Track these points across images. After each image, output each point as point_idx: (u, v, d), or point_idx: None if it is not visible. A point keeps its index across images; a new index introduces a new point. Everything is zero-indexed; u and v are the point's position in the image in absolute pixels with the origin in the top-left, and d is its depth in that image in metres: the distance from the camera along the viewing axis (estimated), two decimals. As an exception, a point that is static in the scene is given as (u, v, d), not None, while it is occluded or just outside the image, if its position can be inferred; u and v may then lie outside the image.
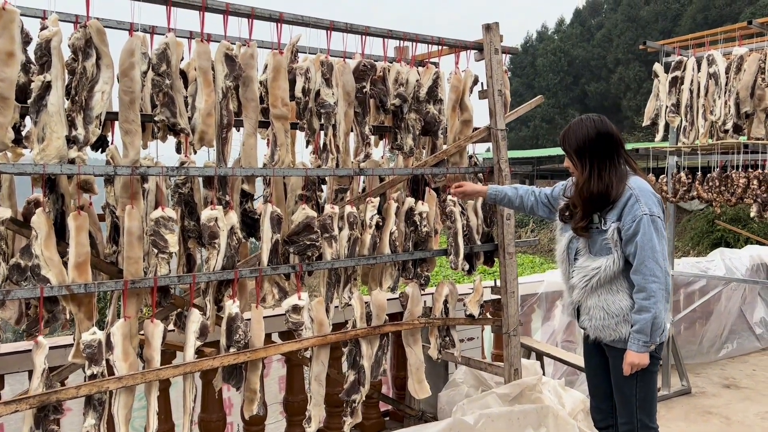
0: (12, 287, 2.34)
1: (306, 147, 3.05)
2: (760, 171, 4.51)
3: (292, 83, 2.93)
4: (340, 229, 3.03)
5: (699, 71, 4.64)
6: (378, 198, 3.25)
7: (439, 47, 3.55)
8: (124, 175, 2.52)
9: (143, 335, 2.58)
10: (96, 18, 2.43)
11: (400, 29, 3.28)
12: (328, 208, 3.00)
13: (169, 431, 3.21)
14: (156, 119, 2.58)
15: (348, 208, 3.06)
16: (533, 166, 34.82)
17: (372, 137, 3.26)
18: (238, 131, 2.92)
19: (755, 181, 4.48)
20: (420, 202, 3.35)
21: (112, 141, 2.88)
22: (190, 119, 2.63)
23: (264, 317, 2.87)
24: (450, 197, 3.39)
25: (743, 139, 4.54)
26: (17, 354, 2.89)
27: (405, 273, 3.37)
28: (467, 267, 3.52)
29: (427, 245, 3.38)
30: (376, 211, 3.17)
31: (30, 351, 2.39)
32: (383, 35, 3.21)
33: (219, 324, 2.79)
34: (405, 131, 3.33)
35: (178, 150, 3.02)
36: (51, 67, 2.31)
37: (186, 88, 2.72)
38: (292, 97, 2.94)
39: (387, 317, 3.24)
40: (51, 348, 2.46)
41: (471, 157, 3.63)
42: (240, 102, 2.85)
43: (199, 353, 2.71)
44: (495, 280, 3.68)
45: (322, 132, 3.03)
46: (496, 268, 3.68)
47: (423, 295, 3.43)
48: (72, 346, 2.61)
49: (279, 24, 2.88)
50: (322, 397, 3.06)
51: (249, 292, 3.08)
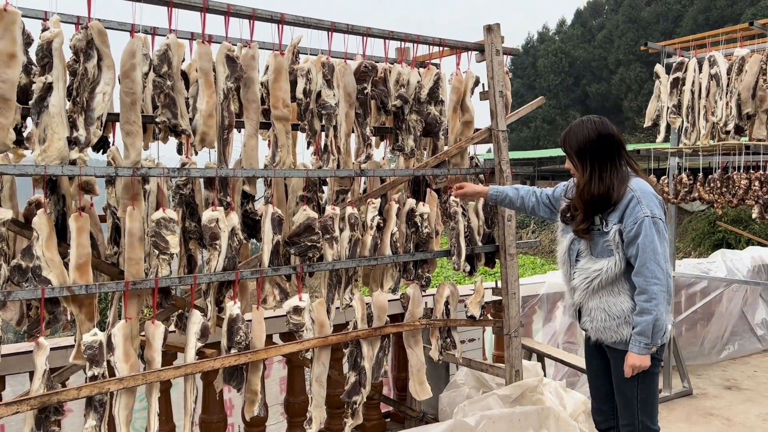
0: (13, 288, 2.34)
1: (307, 148, 3.05)
2: (761, 172, 4.50)
3: (293, 84, 2.93)
4: (341, 230, 3.03)
5: (700, 72, 4.64)
6: (379, 199, 3.24)
7: (441, 48, 3.55)
8: (125, 176, 2.52)
9: (144, 336, 2.58)
10: (97, 19, 2.43)
11: (399, 30, 3.27)
12: (329, 209, 3.00)
13: (170, 432, 3.22)
14: (157, 120, 2.58)
15: (349, 209, 3.06)
16: (534, 167, 34.84)
17: (373, 138, 3.26)
18: (239, 132, 2.92)
19: (757, 183, 4.47)
20: (421, 203, 3.35)
21: (113, 142, 2.88)
22: (191, 120, 2.63)
23: (265, 318, 2.87)
24: (452, 198, 3.39)
25: (745, 141, 4.53)
26: (18, 355, 2.90)
27: (406, 274, 3.37)
28: (468, 268, 3.52)
29: (428, 246, 3.38)
30: (377, 212, 3.17)
31: (31, 352, 2.39)
32: (384, 36, 3.21)
33: (220, 325, 2.79)
34: (406, 132, 3.33)
35: (179, 151, 3.02)
36: (52, 69, 2.31)
37: (187, 89, 2.71)
38: (293, 99, 2.94)
39: (388, 318, 3.24)
40: (52, 349, 2.46)
41: (472, 158, 3.63)
42: (241, 103, 2.85)
43: (200, 354, 2.71)
44: (496, 281, 3.68)
45: (323, 133, 3.03)
46: (497, 269, 3.68)
47: (424, 297, 3.42)
48: (73, 347, 2.61)
49: (280, 25, 2.88)
50: (323, 399, 3.06)
51: (250, 293, 3.08)
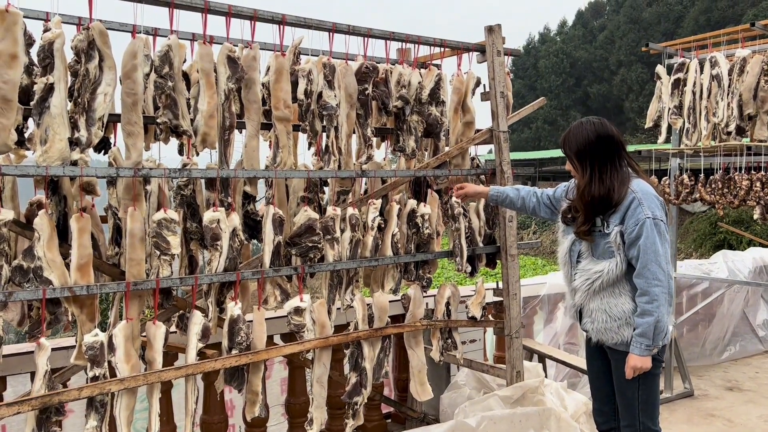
0: (14, 289, 2.34)
1: (308, 149, 3.05)
2: (763, 173, 4.50)
3: (294, 85, 2.93)
4: (342, 231, 3.03)
5: (701, 73, 4.63)
6: (380, 200, 3.24)
7: (442, 49, 3.55)
8: (126, 177, 2.53)
9: (145, 337, 2.59)
10: (99, 20, 2.44)
11: (400, 31, 3.27)
12: (330, 209, 3.00)
13: (171, 433, 3.22)
14: (158, 121, 2.58)
15: (350, 209, 3.06)
16: (535, 167, 34.84)
17: (374, 139, 3.26)
18: (240, 133, 2.92)
19: (758, 183, 4.47)
20: (422, 204, 3.35)
21: (114, 143, 2.88)
22: (192, 121, 2.63)
23: (266, 319, 2.87)
24: (454, 199, 3.39)
25: (746, 142, 4.53)
26: (19, 355, 2.90)
27: (407, 275, 3.37)
28: (469, 269, 3.52)
29: (429, 247, 3.38)
30: (378, 213, 3.17)
31: (32, 353, 2.39)
32: (386, 37, 3.21)
33: (221, 326, 2.79)
34: (407, 133, 3.33)
35: (180, 152, 3.03)
36: (54, 69, 2.31)
37: (188, 90, 2.72)
38: (294, 99, 2.94)
39: (389, 319, 3.24)
40: (53, 350, 2.46)
41: (473, 159, 3.63)
42: (242, 104, 2.85)
43: (201, 355, 2.71)
44: (497, 282, 3.68)
45: (324, 134, 3.03)
46: (498, 270, 3.68)
47: (425, 297, 3.42)
48: (74, 347, 2.61)
49: (281, 26, 2.88)
50: (323, 399, 3.05)
51: (251, 293, 3.08)
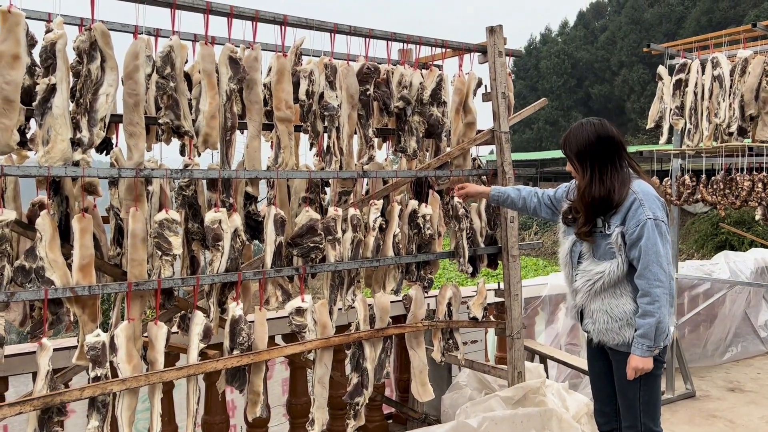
0: (16, 289, 2.35)
1: (310, 149, 3.06)
2: (764, 174, 4.50)
3: (295, 86, 2.93)
4: (343, 232, 3.03)
5: (703, 74, 4.63)
6: (381, 200, 3.24)
7: (443, 50, 3.55)
8: (128, 178, 2.53)
9: (147, 337, 2.59)
10: (101, 21, 2.44)
11: (401, 31, 3.27)
12: (331, 210, 3.00)
13: (173, 433, 3.22)
14: (160, 122, 2.58)
15: (351, 210, 3.06)
16: (537, 168, 34.82)
17: (375, 140, 3.26)
18: (242, 134, 2.93)
19: (760, 184, 4.47)
20: (423, 204, 3.35)
21: (116, 143, 2.89)
22: (194, 122, 2.64)
23: (267, 319, 2.87)
24: (457, 200, 3.39)
25: (748, 142, 4.53)
26: (21, 356, 2.90)
27: (408, 275, 3.37)
28: (471, 269, 3.52)
29: (431, 248, 3.38)
30: (379, 214, 3.17)
31: (34, 353, 2.40)
32: (387, 38, 3.22)
33: (222, 326, 2.79)
34: (408, 134, 3.33)
35: (182, 152, 3.03)
36: (56, 70, 2.31)
37: (190, 90, 2.72)
38: (295, 100, 2.95)
39: (390, 320, 3.24)
40: (55, 350, 2.46)
41: (474, 160, 3.63)
42: (244, 104, 2.85)
43: (203, 355, 2.72)
44: (498, 282, 3.68)
45: (325, 134, 3.04)
46: (499, 270, 3.68)
47: (426, 298, 3.42)
48: (76, 348, 2.61)
49: (283, 27, 2.89)
50: (325, 400, 3.06)
51: (252, 294, 3.08)
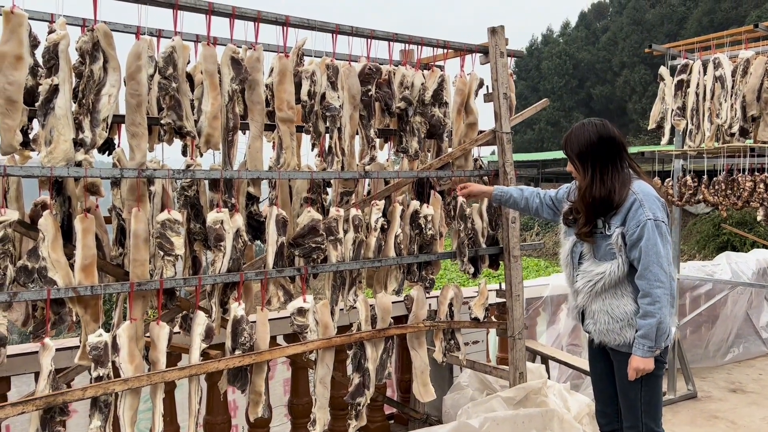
0: (19, 289, 2.35)
1: (311, 150, 3.06)
2: (766, 174, 4.49)
3: (297, 86, 2.94)
4: (345, 232, 3.03)
5: (705, 74, 4.63)
6: (383, 201, 3.25)
7: (445, 50, 3.55)
8: (130, 178, 2.53)
9: (149, 337, 2.59)
10: (103, 22, 2.44)
11: (403, 32, 3.28)
12: (333, 210, 3.01)
13: (174, 433, 3.22)
14: (162, 122, 2.59)
15: (353, 210, 3.06)
16: (538, 169, 34.83)
17: (377, 140, 3.27)
18: (244, 134, 2.93)
19: (761, 185, 4.46)
20: (425, 205, 3.35)
21: (118, 144, 2.90)
22: (196, 122, 2.64)
23: (269, 320, 2.88)
24: (461, 199, 3.39)
25: (749, 143, 4.53)
26: (23, 356, 2.91)
27: (410, 276, 3.38)
28: (472, 270, 3.52)
29: (432, 248, 3.38)
30: (381, 214, 3.17)
31: (36, 353, 2.40)
32: (389, 38, 3.22)
33: (224, 326, 2.79)
34: (410, 134, 3.33)
35: (184, 153, 3.04)
36: (59, 71, 2.32)
37: (192, 91, 2.73)
38: (297, 101, 2.95)
39: (392, 320, 3.24)
40: (57, 350, 2.46)
41: (476, 160, 3.63)
42: (246, 105, 2.86)
43: (205, 355, 2.72)
44: (500, 283, 3.68)
45: (327, 135, 3.04)
46: (501, 271, 3.68)
47: (428, 298, 3.43)
48: (78, 348, 2.62)
49: (285, 27, 2.89)
50: (326, 400, 3.06)
51: (254, 294, 3.09)
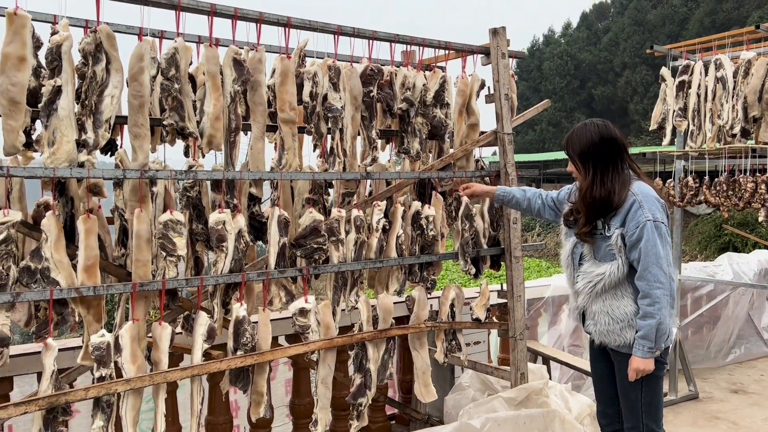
0: (22, 289, 2.36)
1: (313, 151, 3.06)
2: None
3: (299, 87, 2.95)
4: (347, 233, 3.04)
5: (706, 75, 4.63)
6: (385, 202, 3.25)
7: (446, 51, 3.56)
8: (133, 179, 2.54)
9: (151, 338, 2.60)
10: (106, 23, 2.45)
11: (404, 33, 3.28)
12: (335, 211, 3.01)
13: (176, 433, 3.23)
14: (165, 123, 2.60)
15: (355, 211, 3.07)
16: (540, 169, 34.79)
17: (379, 141, 3.27)
18: (246, 135, 2.94)
19: (763, 186, 4.46)
20: (427, 205, 3.35)
21: (121, 145, 2.90)
22: (198, 123, 2.65)
23: (271, 320, 2.88)
24: (465, 199, 3.39)
25: (751, 144, 4.53)
26: (26, 356, 2.91)
27: (411, 276, 3.38)
28: (473, 271, 3.52)
29: (434, 249, 3.38)
30: (382, 215, 3.18)
31: (38, 353, 2.41)
32: (390, 40, 3.22)
33: (226, 327, 2.80)
34: (412, 135, 3.34)
35: (186, 154, 3.04)
36: (61, 72, 2.33)
37: (195, 92, 2.73)
38: (299, 101, 2.96)
39: (393, 321, 3.25)
40: (60, 350, 2.47)
41: (477, 161, 3.63)
42: (248, 106, 2.86)
43: (207, 356, 2.72)
44: (501, 284, 3.68)
45: (329, 136, 3.04)
46: (502, 272, 3.68)
47: (429, 299, 3.43)
48: (81, 348, 2.62)
49: (287, 29, 2.90)
50: (328, 401, 3.06)
51: (256, 295, 3.09)
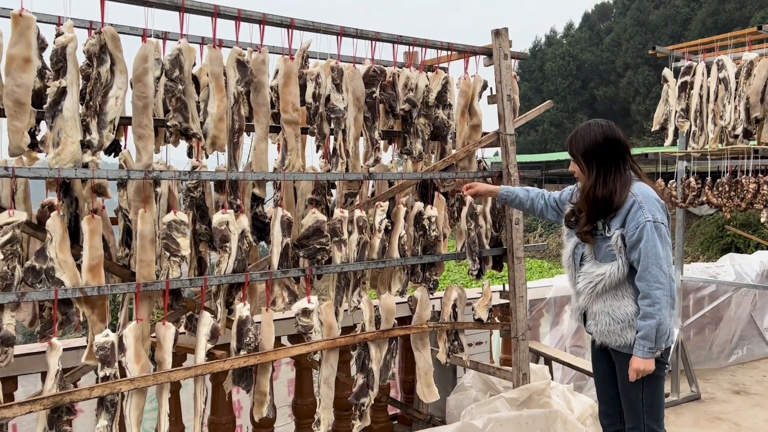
0: (27, 289, 2.37)
1: (316, 151, 3.07)
2: (770, 176, 4.50)
3: (302, 88, 2.95)
4: (349, 233, 3.04)
5: (708, 76, 4.63)
6: (387, 202, 3.26)
7: (449, 52, 3.57)
8: (137, 179, 2.55)
9: (155, 337, 2.61)
10: (110, 24, 2.47)
11: (407, 34, 3.29)
12: (337, 212, 3.02)
13: (180, 433, 3.24)
14: (168, 124, 2.61)
15: (357, 212, 3.08)
16: (542, 170, 34.78)
17: (381, 142, 3.28)
18: (249, 136, 2.95)
19: (765, 186, 4.46)
20: (429, 206, 3.36)
21: (125, 145, 2.91)
22: (202, 124, 2.66)
23: (274, 320, 2.89)
24: (469, 199, 3.40)
25: (753, 144, 4.53)
26: (31, 355, 2.93)
27: (414, 277, 3.38)
28: (476, 271, 3.53)
29: (436, 249, 3.39)
30: (385, 215, 3.19)
31: (43, 352, 2.42)
32: (393, 41, 3.23)
33: (229, 327, 2.81)
34: (414, 136, 3.35)
35: (189, 154, 3.05)
36: (66, 73, 2.33)
37: (198, 93, 2.75)
38: (302, 102, 2.97)
39: (396, 321, 3.25)
40: (64, 350, 2.49)
41: (480, 162, 3.64)
42: (251, 107, 2.87)
43: (210, 356, 2.73)
44: (504, 284, 3.69)
45: (332, 137, 3.05)
46: (504, 272, 3.69)
47: (432, 300, 3.44)
48: (85, 348, 2.63)
49: (290, 30, 2.91)
50: (331, 401, 3.07)
51: (259, 295, 3.10)
